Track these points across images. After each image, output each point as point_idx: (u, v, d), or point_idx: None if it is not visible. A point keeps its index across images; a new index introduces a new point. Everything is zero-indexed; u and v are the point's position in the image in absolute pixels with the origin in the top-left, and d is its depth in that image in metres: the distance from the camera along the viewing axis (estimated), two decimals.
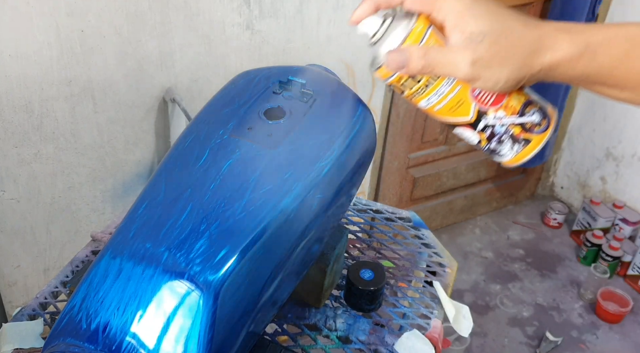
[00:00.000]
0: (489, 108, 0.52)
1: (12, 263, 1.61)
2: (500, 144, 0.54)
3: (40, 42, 1.35)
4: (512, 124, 0.53)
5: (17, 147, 1.45)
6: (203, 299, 0.64)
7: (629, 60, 0.47)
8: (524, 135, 0.53)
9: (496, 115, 0.52)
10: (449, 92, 0.51)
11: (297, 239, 0.76)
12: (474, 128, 0.53)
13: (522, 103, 0.53)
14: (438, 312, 0.99)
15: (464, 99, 0.52)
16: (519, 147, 0.53)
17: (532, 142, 0.53)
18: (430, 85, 0.51)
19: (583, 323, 2.20)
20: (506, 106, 0.52)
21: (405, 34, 0.50)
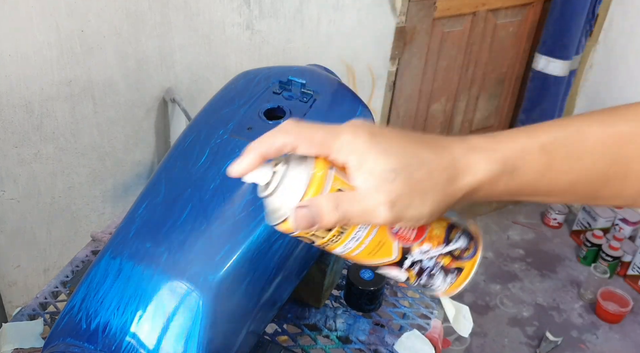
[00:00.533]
0: (412, 244, 0.47)
1: (12, 263, 1.61)
2: (431, 278, 0.49)
3: (40, 42, 1.35)
4: (440, 255, 0.49)
5: (17, 147, 1.45)
6: (203, 299, 0.64)
7: (550, 172, 0.45)
8: (455, 264, 0.49)
9: (421, 249, 0.48)
10: (367, 235, 0.46)
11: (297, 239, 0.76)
12: (400, 266, 0.48)
13: (445, 229, 0.49)
14: (438, 312, 0.99)
15: (384, 240, 0.47)
16: (452, 278, 0.50)
17: (465, 269, 0.50)
18: (345, 231, 0.45)
19: (583, 323, 2.20)
20: (430, 237, 0.48)
21: (306, 182, 0.43)
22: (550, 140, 0.45)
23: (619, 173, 0.45)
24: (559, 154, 0.44)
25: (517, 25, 2.24)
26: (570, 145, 0.45)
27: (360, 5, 1.77)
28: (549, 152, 0.44)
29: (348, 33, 1.79)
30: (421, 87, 2.14)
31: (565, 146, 0.44)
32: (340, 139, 0.43)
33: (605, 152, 0.45)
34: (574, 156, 0.44)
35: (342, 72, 1.83)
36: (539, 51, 2.24)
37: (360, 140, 0.43)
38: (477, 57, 2.22)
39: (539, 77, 2.28)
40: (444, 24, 2.04)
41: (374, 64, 1.92)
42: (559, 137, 0.45)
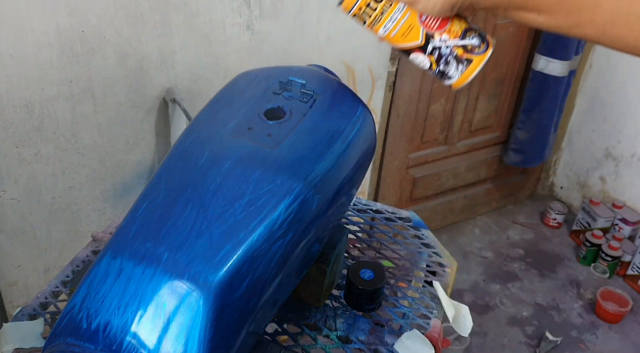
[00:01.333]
0: (434, 32, 0.62)
1: (13, 263, 1.61)
2: (447, 65, 0.62)
3: (40, 43, 1.35)
4: (455, 46, 0.62)
5: (18, 147, 1.45)
6: (203, 299, 0.64)
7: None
8: (466, 55, 0.62)
9: (441, 38, 0.62)
10: (401, 17, 0.61)
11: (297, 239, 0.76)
12: (424, 52, 0.62)
13: (463, 29, 0.62)
14: (438, 311, 0.99)
15: (413, 24, 0.61)
16: (463, 67, 0.62)
17: (474, 62, 0.63)
18: (385, 12, 0.61)
19: (583, 323, 2.20)
20: (449, 30, 0.62)
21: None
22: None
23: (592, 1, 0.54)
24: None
25: (517, 25, 2.24)
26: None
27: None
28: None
29: (348, 33, 1.79)
30: (421, 87, 2.14)
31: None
32: None
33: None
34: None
35: (342, 72, 1.83)
36: (539, 51, 2.24)
37: None
38: None
39: (538, 77, 2.28)
40: None
41: (374, 64, 1.92)
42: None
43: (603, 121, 2.52)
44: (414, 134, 2.25)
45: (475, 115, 2.40)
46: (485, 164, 2.56)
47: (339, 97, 0.88)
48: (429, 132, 2.30)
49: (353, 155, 0.85)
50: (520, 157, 2.49)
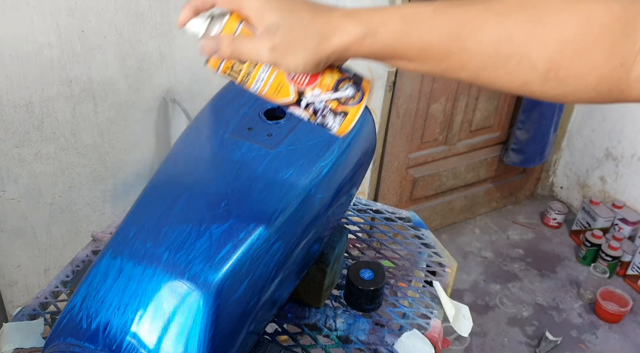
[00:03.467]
0: (305, 88, 0.60)
1: (13, 263, 1.61)
2: (324, 118, 0.61)
3: (40, 43, 1.35)
4: (328, 100, 0.60)
5: (18, 147, 1.45)
6: (203, 299, 0.64)
7: (405, 36, 0.54)
8: (341, 108, 0.60)
9: (313, 93, 0.60)
10: (268, 77, 0.59)
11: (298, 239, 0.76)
12: (299, 106, 0.61)
13: (336, 80, 0.60)
14: (438, 311, 0.99)
15: (282, 82, 0.60)
16: (340, 119, 0.61)
17: (350, 114, 0.61)
18: (251, 73, 0.59)
19: (583, 323, 2.20)
20: (321, 84, 0.60)
21: (220, 30, 0.58)
22: (409, 12, 0.54)
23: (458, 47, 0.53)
24: (414, 24, 0.54)
25: None
26: (424, 19, 0.54)
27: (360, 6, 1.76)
28: (407, 21, 0.54)
29: None
30: (421, 87, 2.14)
31: (420, 18, 0.54)
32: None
33: (450, 28, 0.53)
34: (426, 28, 0.53)
35: None
36: None
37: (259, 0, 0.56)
38: None
39: None
40: None
41: (374, 64, 1.92)
42: (417, 11, 0.54)
43: (603, 121, 2.52)
44: (414, 134, 2.25)
45: (475, 115, 2.40)
46: (485, 164, 2.56)
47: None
48: (429, 132, 2.30)
49: (353, 155, 0.85)
50: (520, 157, 2.49)
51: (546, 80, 0.52)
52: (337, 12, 0.56)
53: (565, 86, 0.52)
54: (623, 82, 0.51)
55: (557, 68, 0.51)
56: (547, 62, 0.51)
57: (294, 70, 0.56)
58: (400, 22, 0.54)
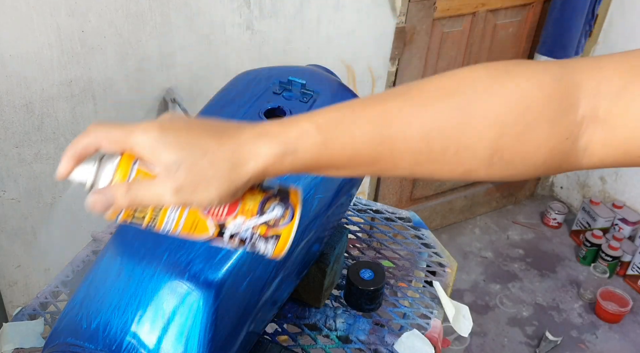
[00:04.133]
0: (225, 219, 0.51)
1: (13, 263, 1.61)
2: (254, 246, 0.53)
3: (40, 43, 1.35)
4: (255, 226, 0.52)
5: (18, 147, 1.45)
6: (203, 299, 0.64)
7: (327, 149, 0.48)
8: (272, 231, 0.52)
9: (235, 222, 0.52)
10: (179, 217, 0.51)
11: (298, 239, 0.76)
12: (222, 239, 0.52)
13: (259, 202, 0.52)
14: (438, 311, 0.99)
15: (197, 219, 0.51)
16: (272, 244, 0.53)
17: (282, 236, 0.53)
18: (158, 216, 0.51)
19: (583, 323, 2.20)
20: (243, 211, 0.52)
21: (112, 174, 0.50)
22: (325, 120, 0.49)
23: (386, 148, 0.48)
24: (333, 133, 0.48)
25: (517, 25, 2.25)
26: (343, 124, 0.48)
27: (360, 6, 1.77)
28: (324, 131, 0.48)
29: (348, 33, 1.79)
30: None
31: (338, 126, 0.49)
32: (134, 136, 0.48)
33: (374, 129, 0.48)
34: (347, 134, 0.48)
35: (342, 72, 1.83)
36: (539, 51, 2.24)
37: (150, 136, 0.48)
38: (477, 58, 2.23)
39: None
40: (443, 24, 2.04)
41: (374, 64, 1.92)
42: (333, 117, 0.49)
43: None
44: None
45: None
46: None
47: (339, 97, 0.88)
48: None
49: None
50: None
51: (491, 164, 0.48)
52: (244, 133, 0.49)
53: (512, 167, 0.49)
54: (572, 154, 0.48)
55: (501, 152, 0.47)
56: (488, 149, 0.47)
57: (208, 205, 0.49)
58: (319, 133, 0.48)
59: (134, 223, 0.51)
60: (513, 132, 0.47)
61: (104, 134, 0.50)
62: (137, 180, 0.49)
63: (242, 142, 0.48)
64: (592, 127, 0.47)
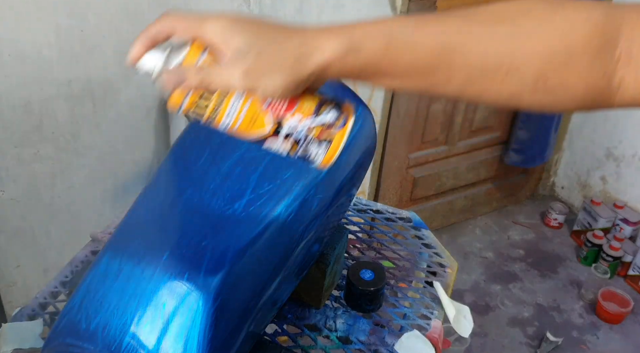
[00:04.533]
0: (284, 115, 0.54)
1: (12, 264, 1.61)
2: (307, 148, 0.55)
3: (40, 42, 1.35)
4: (309, 127, 0.54)
5: (17, 147, 1.45)
6: (203, 299, 0.64)
7: (388, 52, 0.51)
8: (325, 135, 0.55)
9: (292, 120, 0.54)
10: (241, 107, 0.53)
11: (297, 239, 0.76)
12: (277, 138, 0.54)
13: (316, 104, 0.55)
14: (438, 312, 0.98)
15: (257, 112, 0.53)
16: (324, 148, 0.55)
17: (335, 141, 0.55)
18: (221, 105, 0.53)
19: (583, 324, 2.20)
20: (300, 109, 0.54)
21: (180, 61, 0.52)
22: (388, 27, 0.52)
23: (445, 60, 0.51)
24: (397, 37, 0.51)
25: None
26: (406, 31, 0.51)
27: (360, 6, 1.76)
28: (389, 35, 0.51)
29: None
30: None
31: (404, 33, 0.51)
32: (207, 23, 0.51)
33: (436, 41, 0.51)
34: (410, 42, 0.51)
35: None
36: None
37: (223, 23, 0.51)
38: None
39: None
40: None
41: None
42: (400, 25, 0.52)
43: (604, 121, 2.51)
44: (414, 133, 2.25)
45: (475, 115, 2.40)
46: (485, 164, 2.56)
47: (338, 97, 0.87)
48: (429, 132, 2.30)
49: (353, 155, 0.84)
50: (520, 157, 2.48)
51: (535, 91, 0.51)
52: (311, 30, 0.51)
53: (553, 96, 0.52)
54: (606, 91, 0.51)
55: (545, 79, 0.50)
56: (535, 73, 0.50)
57: (272, 94, 0.51)
58: (384, 37, 0.51)
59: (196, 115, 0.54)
60: (558, 61, 0.50)
61: (178, 20, 0.52)
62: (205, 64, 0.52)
63: (309, 36, 0.51)
64: (625, 67, 0.50)
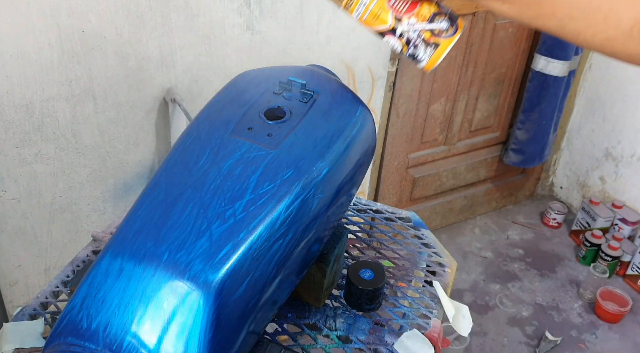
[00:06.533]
0: (403, 15, 0.63)
1: (13, 263, 1.61)
2: (416, 49, 0.64)
3: (41, 43, 1.36)
4: (422, 30, 0.63)
5: (18, 147, 1.45)
6: (203, 299, 0.64)
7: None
8: (434, 39, 0.64)
9: (409, 22, 0.63)
10: (370, 1, 0.63)
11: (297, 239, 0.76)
12: (394, 35, 0.64)
13: (432, 12, 0.64)
14: (438, 311, 0.99)
15: (383, 8, 0.63)
16: (430, 51, 0.64)
17: (441, 46, 0.64)
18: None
19: (582, 323, 2.21)
20: (418, 14, 0.63)
21: None
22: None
23: None
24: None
25: (517, 25, 2.25)
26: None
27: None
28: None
29: (348, 33, 1.79)
30: (421, 87, 2.14)
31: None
32: None
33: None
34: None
35: (342, 72, 1.83)
36: (539, 51, 2.24)
37: None
38: (477, 58, 2.23)
39: (538, 78, 2.28)
40: None
41: (374, 64, 1.92)
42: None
43: (603, 121, 2.52)
44: (414, 134, 2.26)
45: (475, 115, 2.40)
46: (485, 164, 2.56)
47: (339, 97, 0.88)
48: (429, 132, 2.30)
49: (353, 155, 0.85)
50: (520, 157, 2.49)
51: (629, 37, 0.54)
52: None
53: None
54: None
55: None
56: (632, 19, 0.54)
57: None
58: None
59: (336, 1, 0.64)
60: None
61: None
62: None
63: None
64: None
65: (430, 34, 0.63)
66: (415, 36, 0.63)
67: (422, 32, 0.63)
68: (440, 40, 0.64)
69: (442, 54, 0.64)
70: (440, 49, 0.64)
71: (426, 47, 0.64)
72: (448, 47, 0.64)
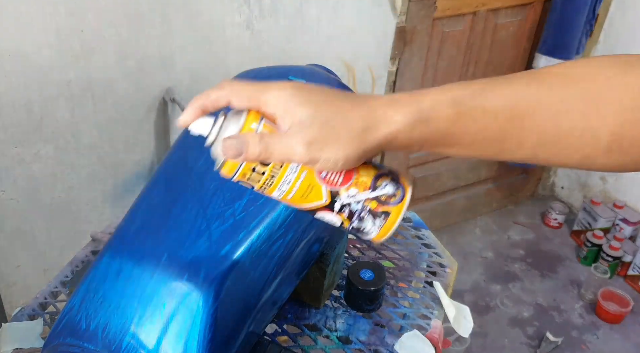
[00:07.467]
0: (340, 188, 0.52)
1: (12, 264, 1.61)
2: (361, 222, 0.54)
3: (40, 42, 1.35)
4: (367, 199, 0.53)
5: (17, 147, 1.45)
6: (202, 299, 0.64)
7: (459, 121, 0.49)
8: (382, 208, 0.53)
9: (349, 193, 0.53)
10: (296, 178, 0.52)
11: (298, 239, 0.76)
12: (332, 210, 0.53)
13: (373, 177, 0.53)
14: (438, 312, 0.98)
15: (313, 184, 0.52)
16: (380, 222, 0.54)
17: (392, 214, 0.53)
18: (276, 175, 0.51)
19: (583, 324, 2.20)
20: (357, 183, 0.53)
21: (238, 129, 0.50)
22: (459, 94, 0.50)
23: (516, 126, 0.50)
24: (466, 106, 0.49)
25: (517, 25, 2.24)
26: (475, 99, 0.50)
27: (360, 6, 1.76)
28: (458, 104, 0.49)
29: (348, 33, 1.79)
30: (421, 87, 2.13)
31: (471, 100, 0.50)
32: (268, 93, 0.49)
33: (505, 107, 0.50)
34: (479, 109, 0.49)
35: (342, 72, 1.83)
36: (539, 51, 2.24)
37: (286, 93, 0.49)
38: (477, 57, 2.22)
39: None
40: (444, 24, 2.04)
41: (374, 64, 1.92)
42: (467, 91, 0.50)
43: None
44: None
45: None
46: (485, 164, 2.56)
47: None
48: None
49: None
50: None
51: (609, 151, 0.50)
52: (377, 100, 0.50)
53: (627, 156, 0.51)
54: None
55: (620, 139, 0.49)
56: (609, 134, 0.49)
57: (332, 166, 0.49)
58: (452, 105, 0.49)
59: (250, 182, 0.52)
60: (632, 119, 0.49)
61: (237, 89, 0.51)
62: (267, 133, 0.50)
63: (376, 107, 0.49)
64: None
65: (377, 203, 0.53)
66: (359, 208, 0.53)
67: (367, 203, 0.53)
68: (390, 208, 0.53)
69: (395, 223, 0.54)
70: (391, 218, 0.53)
71: (374, 218, 0.53)
72: (400, 214, 0.54)
